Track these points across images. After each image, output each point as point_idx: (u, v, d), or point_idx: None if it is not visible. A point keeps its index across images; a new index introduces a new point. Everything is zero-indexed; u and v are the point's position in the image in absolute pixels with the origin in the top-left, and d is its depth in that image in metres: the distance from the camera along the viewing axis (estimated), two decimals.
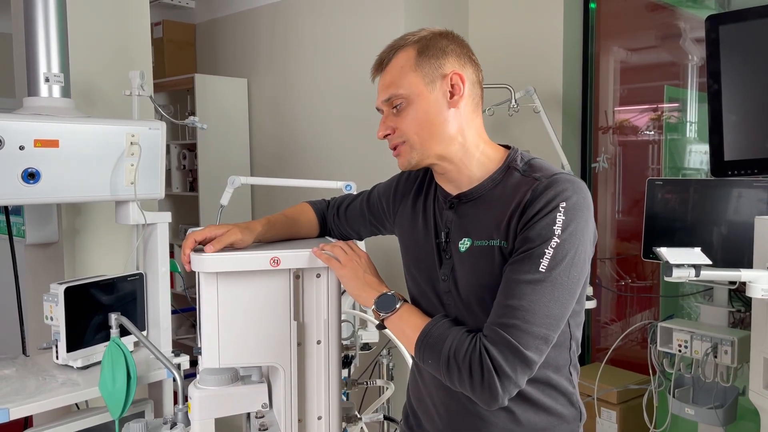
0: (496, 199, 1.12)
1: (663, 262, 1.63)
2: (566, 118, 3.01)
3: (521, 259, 1.02)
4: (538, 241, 1.01)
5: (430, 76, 1.11)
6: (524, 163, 1.14)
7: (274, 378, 1.30)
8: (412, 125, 1.12)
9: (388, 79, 1.14)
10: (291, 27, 3.58)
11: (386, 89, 1.14)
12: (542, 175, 1.08)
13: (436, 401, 1.22)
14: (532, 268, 1.00)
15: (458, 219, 1.16)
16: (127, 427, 1.66)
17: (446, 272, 1.16)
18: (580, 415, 1.20)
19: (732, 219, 2.24)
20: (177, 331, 3.81)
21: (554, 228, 1.01)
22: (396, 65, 1.14)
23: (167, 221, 2.13)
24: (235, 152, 3.82)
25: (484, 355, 0.99)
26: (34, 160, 1.79)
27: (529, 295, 0.99)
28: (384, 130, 1.15)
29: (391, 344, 2.10)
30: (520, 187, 1.08)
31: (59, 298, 1.84)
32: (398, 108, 1.13)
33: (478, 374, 0.99)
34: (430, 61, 1.12)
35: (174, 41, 4.12)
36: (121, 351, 1.70)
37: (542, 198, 1.03)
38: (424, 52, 1.12)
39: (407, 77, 1.12)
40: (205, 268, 1.16)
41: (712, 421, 2.25)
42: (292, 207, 1.46)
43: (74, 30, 2.12)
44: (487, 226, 1.10)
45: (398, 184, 1.34)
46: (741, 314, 2.33)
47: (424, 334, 1.08)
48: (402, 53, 1.14)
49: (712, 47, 2.15)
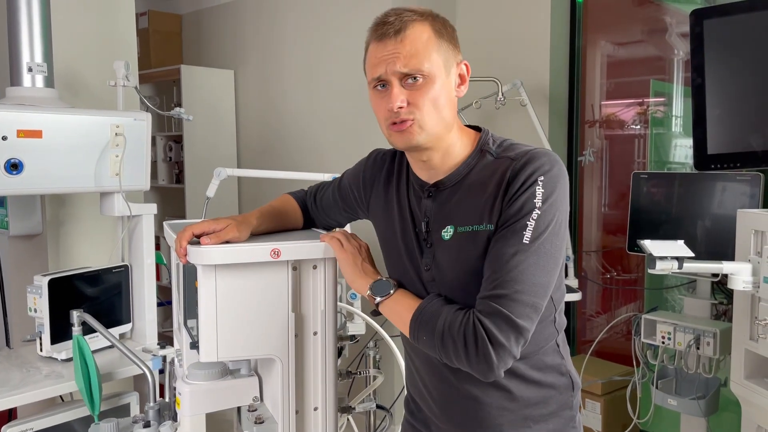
0: (475, 183, 1.12)
1: (647, 254, 1.65)
2: (553, 112, 3.02)
3: (504, 234, 1.04)
4: (520, 215, 1.04)
5: (448, 60, 1.10)
6: (497, 146, 1.15)
7: (266, 370, 1.30)
8: (427, 105, 1.08)
9: (410, 50, 1.07)
10: (278, 18, 3.56)
11: (407, 60, 1.06)
12: (517, 153, 1.10)
13: (429, 387, 1.24)
14: (516, 240, 1.03)
15: (438, 207, 1.16)
16: (95, 428, 1.60)
17: (428, 261, 1.16)
18: (572, 384, 1.21)
19: (716, 212, 2.27)
20: (163, 323, 3.79)
21: (535, 201, 1.04)
22: (419, 38, 1.07)
23: (153, 213, 2.12)
24: (221, 144, 3.80)
25: (477, 326, 1.01)
26: (17, 150, 1.77)
27: (516, 266, 1.01)
28: (401, 102, 1.07)
29: (378, 336, 2.11)
30: (498, 170, 1.10)
31: (43, 290, 1.83)
32: (414, 82, 1.07)
33: (472, 346, 1.01)
34: (447, 45, 1.10)
35: (160, 32, 4.08)
36: (80, 350, 1.68)
37: (521, 175, 1.06)
38: (441, 35, 1.10)
39: (432, 54, 1.08)
40: (205, 261, 1.15)
41: (694, 411, 2.28)
42: (278, 199, 1.45)
43: (58, 19, 2.10)
44: (470, 212, 1.11)
45: (365, 170, 1.33)
46: (723, 306, 2.36)
47: (418, 312, 1.10)
48: (418, 25, 1.08)
49: (696, 42, 2.16)
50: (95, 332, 1.82)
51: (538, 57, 2.99)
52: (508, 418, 1.16)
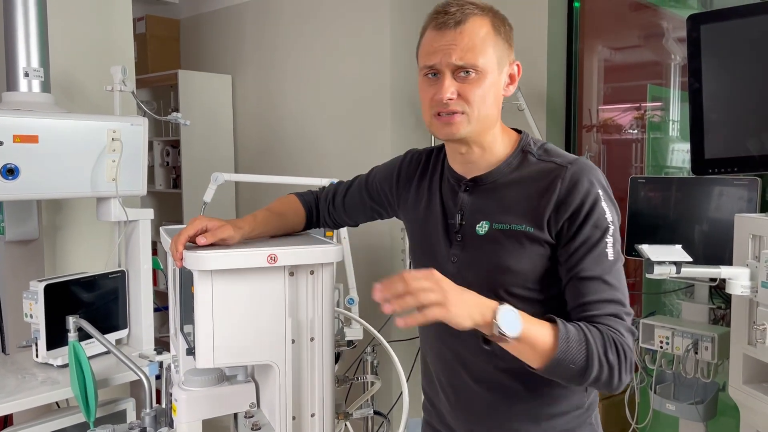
0: (515, 183, 1.14)
1: (645, 259, 1.65)
2: (550, 116, 3.03)
3: (593, 258, 1.07)
4: (598, 236, 1.07)
5: (501, 58, 1.11)
6: (538, 147, 1.17)
7: (263, 376, 1.29)
8: (477, 100, 1.09)
9: (468, 42, 1.07)
10: (276, 23, 3.57)
11: (463, 53, 1.07)
12: (562, 160, 1.12)
13: (444, 382, 1.26)
14: (604, 260, 1.07)
15: (474, 202, 1.17)
16: None
17: (456, 253, 1.17)
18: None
19: (713, 216, 2.27)
20: (160, 328, 3.78)
21: (606, 217, 1.08)
22: (477, 32, 1.08)
23: (149, 218, 2.11)
24: (218, 149, 3.80)
25: (626, 348, 1.04)
26: (13, 155, 1.77)
27: (615, 283, 1.07)
28: (451, 93, 1.08)
29: (375, 342, 2.10)
30: (543, 175, 1.11)
31: (39, 296, 1.82)
32: (467, 76, 1.08)
33: (624, 368, 1.04)
34: (503, 43, 1.11)
35: (157, 36, 4.08)
36: (76, 356, 1.67)
37: (578, 191, 1.07)
38: (498, 30, 1.10)
39: (488, 50, 1.08)
40: (201, 266, 1.14)
41: (692, 416, 2.27)
42: (279, 199, 1.44)
43: (54, 24, 2.09)
44: (508, 210, 1.12)
45: (401, 168, 1.33)
46: (721, 311, 2.36)
47: (564, 346, 1.01)
48: (478, 18, 1.09)
49: (693, 46, 2.17)
50: (91, 338, 1.81)
51: (535, 62, 2.99)
52: (520, 413, 1.18)
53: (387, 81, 3.02)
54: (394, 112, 3.02)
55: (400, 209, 1.34)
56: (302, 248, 1.22)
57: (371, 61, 3.08)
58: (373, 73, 3.07)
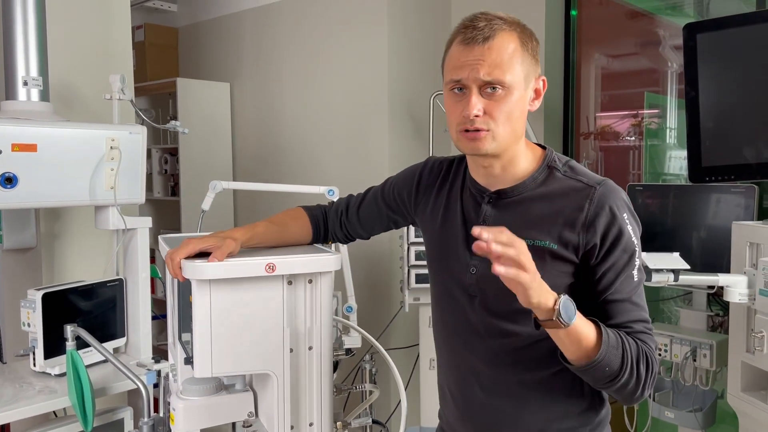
0: (540, 198, 1.14)
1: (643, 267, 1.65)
2: (548, 124, 3.04)
3: (623, 281, 1.11)
4: (626, 259, 1.10)
5: (528, 73, 1.11)
6: (563, 164, 1.17)
7: (261, 386, 1.29)
8: (503, 116, 1.09)
9: (496, 58, 1.07)
10: (274, 31, 3.58)
11: (491, 69, 1.06)
12: (589, 180, 1.13)
13: (454, 390, 1.26)
14: (631, 282, 1.12)
15: (498, 214, 1.17)
16: None
17: (476, 263, 1.16)
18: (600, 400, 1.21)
19: (711, 224, 2.28)
20: (158, 336, 3.76)
21: (633, 240, 1.11)
22: (505, 48, 1.07)
23: (148, 226, 2.11)
24: (217, 157, 3.80)
25: (654, 363, 1.10)
26: (12, 164, 1.77)
27: (640, 303, 1.13)
28: (478, 110, 1.08)
29: (374, 350, 2.10)
30: (570, 193, 1.12)
31: (37, 305, 1.82)
32: (494, 92, 1.08)
33: (650, 382, 1.10)
34: (530, 59, 1.11)
35: (156, 45, 4.09)
36: (74, 365, 1.67)
37: (606, 214, 1.09)
38: (525, 46, 1.10)
39: (515, 66, 1.08)
40: (200, 276, 1.15)
41: (691, 424, 2.27)
42: (285, 211, 1.42)
43: (53, 32, 2.10)
44: (533, 226, 1.12)
45: (422, 174, 1.32)
46: (719, 318, 2.36)
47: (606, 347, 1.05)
48: (506, 34, 1.08)
49: (689, 55, 2.18)
50: (89, 346, 1.81)
51: None
52: (529, 427, 1.18)
53: (385, 89, 3.03)
54: (391, 121, 3.03)
55: (417, 216, 1.33)
56: (300, 257, 1.22)
57: (369, 69, 3.09)
58: (371, 81, 3.08)
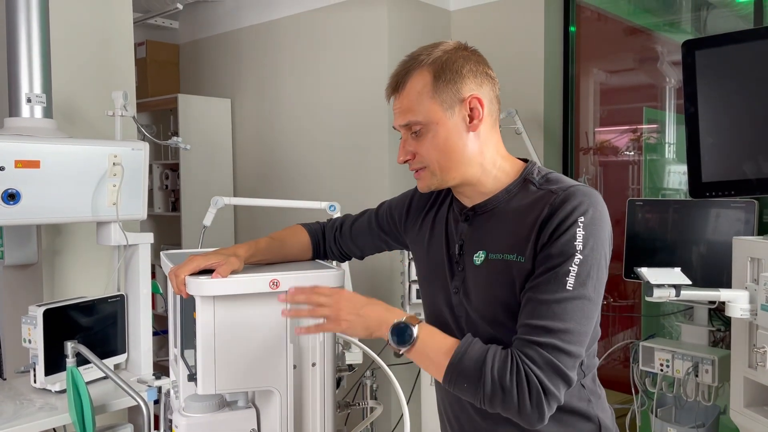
0: (512, 212, 1.11)
1: (644, 282, 1.65)
2: (547, 139, 3.05)
3: (547, 279, 1.02)
4: (561, 258, 1.02)
5: (448, 101, 1.09)
6: (541, 177, 1.13)
7: (264, 402, 1.29)
8: (432, 152, 1.10)
9: (405, 103, 1.11)
10: (275, 48, 3.60)
11: (404, 114, 1.11)
12: (558, 187, 1.08)
13: (450, 416, 1.25)
14: (559, 288, 1.01)
15: (473, 231, 1.16)
16: None
17: (458, 284, 1.16)
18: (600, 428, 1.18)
19: (711, 239, 2.28)
20: (158, 352, 3.75)
21: (575, 244, 1.02)
22: (413, 89, 1.10)
23: (149, 242, 2.11)
24: (218, 173, 3.81)
25: (531, 377, 0.99)
26: (15, 180, 1.77)
27: (562, 315, 1.01)
28: (404, 156, 1.13)
29: (375, 365, 2.09)
30: (537, 202, 1.08)
31: (38, 321, 1.81)
32: (417, 133, 1.11)
33: (526, 396, 0.99)
34: (447, 87, 1.09)
35: (157, 61, 4.12)
36: (74, 381, 1.66)
37: (560, 213, 1.03)
38: (440, 76, 1.09)
39: (424, 104, 1.09)
40: (203, 292, 1.15)
41: None
42: (285, 229, 1.44)
43: (57, 50, 2.11)
44: (503, 240, 1.10)
45: (412, 200, 1.34)
46: (721, 333, 2.36)
47: (456, 358, 1.03)
48: (417, 75, 1.10)
49: (688, 71, 2.20)
50: (90, 363, 1.80)
51: (532, 86, 3.02)
52: None
53: (385, 105, 3.03)
54: (391, 136, 3.04)
55: (408, 238, 1.34)
56: (304, 273, 1.22)
57: (369, 85, 3.11)
58: (371, 97, 3.09)
